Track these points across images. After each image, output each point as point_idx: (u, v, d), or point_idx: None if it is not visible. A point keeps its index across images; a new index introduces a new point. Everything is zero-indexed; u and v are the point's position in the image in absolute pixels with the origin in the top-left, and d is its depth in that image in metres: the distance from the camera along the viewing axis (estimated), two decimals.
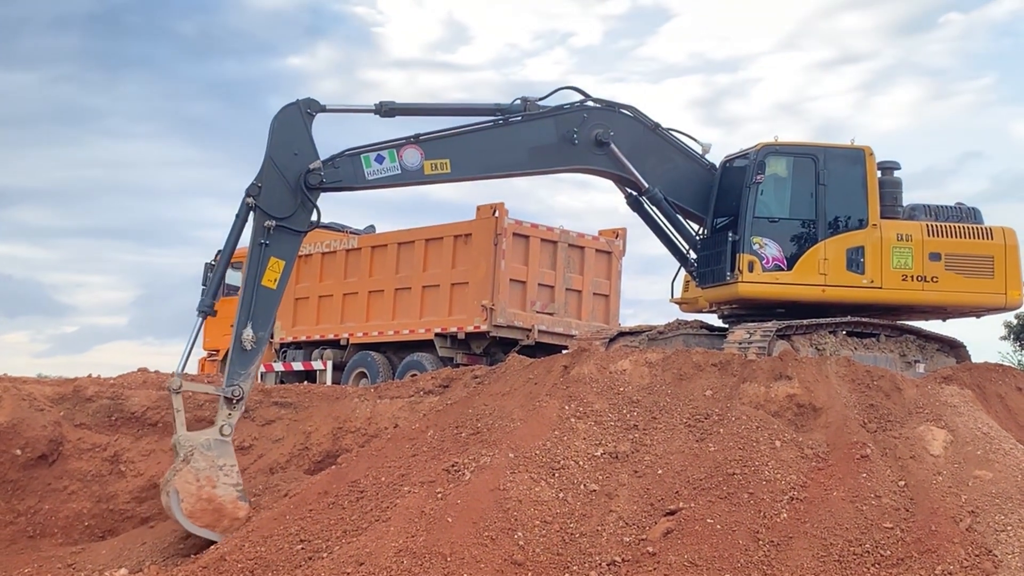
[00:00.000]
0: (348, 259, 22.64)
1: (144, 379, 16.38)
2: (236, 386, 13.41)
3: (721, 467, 11.00)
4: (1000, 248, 15.89)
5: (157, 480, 14.72)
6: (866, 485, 10.63)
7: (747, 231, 15.47)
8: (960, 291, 15.80)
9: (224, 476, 12.97)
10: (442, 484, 10.96)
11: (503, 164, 15.61)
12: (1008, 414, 13.50)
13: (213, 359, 25.39)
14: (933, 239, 15.73)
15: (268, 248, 13.90)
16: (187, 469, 12.82)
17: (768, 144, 15.87)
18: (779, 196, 15.89)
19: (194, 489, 12.77)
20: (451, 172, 15.01)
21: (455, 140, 15.12)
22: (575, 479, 11.00)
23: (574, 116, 15.71)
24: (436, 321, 20.58)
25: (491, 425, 12.03)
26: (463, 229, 20.59)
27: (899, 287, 15.58)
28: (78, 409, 15.54)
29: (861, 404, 12.02)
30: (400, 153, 14.76)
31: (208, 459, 12.96)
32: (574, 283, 21.15)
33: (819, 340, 15.39)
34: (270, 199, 13.89)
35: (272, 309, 14.12)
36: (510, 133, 15.48)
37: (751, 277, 15.40)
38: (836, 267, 15.46)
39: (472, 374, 15.86)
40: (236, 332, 13.71)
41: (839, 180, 15.70)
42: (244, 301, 13.82)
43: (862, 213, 15.63)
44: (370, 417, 15.63)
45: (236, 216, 14.00)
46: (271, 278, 14.00)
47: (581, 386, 12.27)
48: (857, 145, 15.91)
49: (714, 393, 12.18)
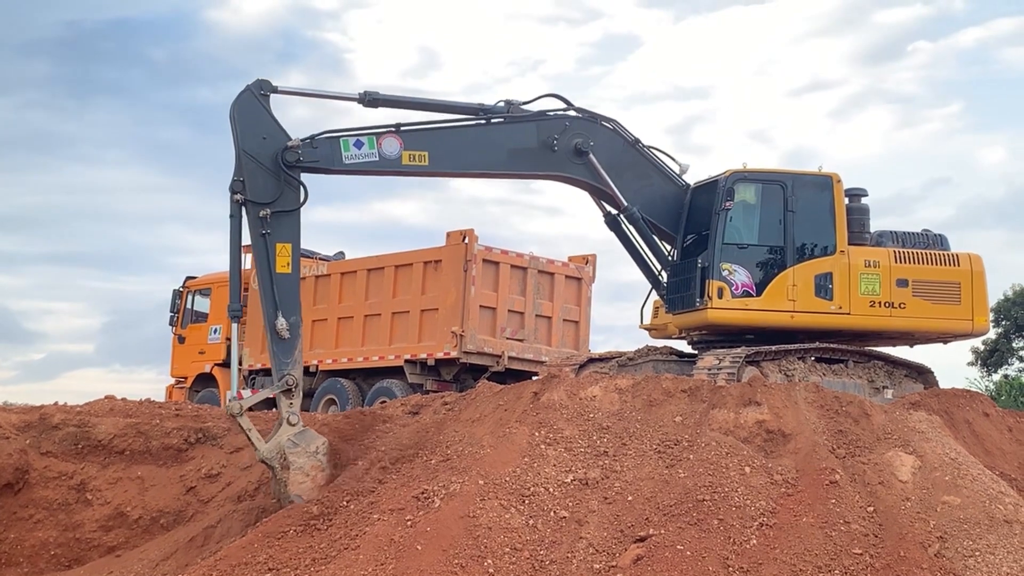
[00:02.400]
0: (317, 285, 22.60)
1: (111, 406, 16.25)
2: (287, 375, 13.63)
3: (691, 493, 10.99)
4: (967, 274, 15.96)
5: (124, 509, 14.61)
6: (835, 511, 10.64)
7: (716, 257, 15.54)
8: (927, 317, 15.88)
9: (323, 456, 13.22)
10: (411, 511, 10.91)
11: (481, 163, 15.60)
12: (976, 440, 13.55)
13: (181, 386, 25.24)
14: (900, 265, 15.82)
15: (271, 236, 13.97)
16: (293, 473, 12.97)
17: (736, 171, 15.97)
18: (748, 223, 15.98)
19: (310, 484, 12.96)
20: (428, 165, 14.97)
21: (436, 134, 15.12)
22: (545, 506, 10.97)
23: (556, 123, 15.78)
24: (406, 348, 20.56)
25: (461, 452, 11.99)
26: (433, 255, 20.61)
27: (867, 313, 15.66)
28: (44, 437, 15.38)
29: (830, 430, 12.05)
30: (380, 141, 14.79)
31: (301, 453, 13.13)
32: (544, 309, 21.18)
33: (788, 366, 15.45)
34: (255, 189, 13.91)
35: (294, 292, 14.17)
36: (491, 133, 15.50)
37: (720, 303, 15.47)
38: (805, 293, 15.54)
39: (442, 401, 15.82)
40: (269, 325, 13.87)
41: (807, 207, 15.80)
42: (266, 293, 13.90)
43: (830, 239, 15.73)
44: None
45: (230, 217, 14.06)
46: (283, 263, 14.16)
47: (551, 412, 12.25)
48: (825, 172, 16.03)
49: (684, 419, 12.19)
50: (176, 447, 15.42)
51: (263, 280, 13.91)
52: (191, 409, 16.78)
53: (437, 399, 16.14)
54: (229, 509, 14.31)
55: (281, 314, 13.79)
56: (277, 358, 13.78)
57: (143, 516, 14.76)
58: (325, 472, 13.10)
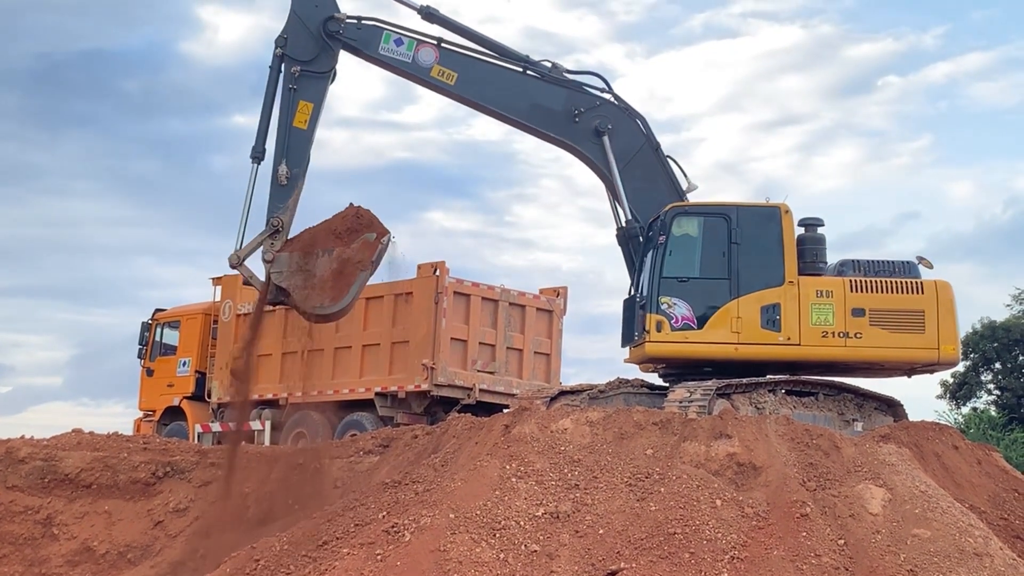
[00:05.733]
0: (287, 318, 22.45)
1: (78, 440, 16.11)
2: (277, 218, 15.58)
3: (662, 526, 10.97)
4: (931, 302, 15.62)
5: (91, 543, 14.49)
6: (806, 544, 10.64)
7: (655, 291, 15.61)
8: (886, 347, 15.58)
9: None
10: (382, 545, 10.83)
11: (502, 103, 16.66)
12: (945, 473, 13.60)
13: (149, 420, 25.03)
14: (856, 295, 15.57)
15: (296, 92, 15.84)
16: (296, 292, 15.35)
17: (676, 205, 16.14)
18: (688, 256, 15.96)
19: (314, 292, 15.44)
20: (453, 86, 16.30)
21: (472, 61, 16.49)
22: (516, 540, 10.91)
23: (587, 98, 16.61)
24: (376, 380, 20.45)
25: (431, 485, 11.93)
26: (404, 288, 20.54)
27: (819, 344, 15.44)
28: (10, 471, 15.26)
29: (800, 463, 12.06)
30: (418, 47, 16.26)
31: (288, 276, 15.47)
32: (515, 342, 21.13)
33: (759, 399, 15.44)
34: (295, 46, 15.91)
35: (304, 148, 15.99)
36: (523, 81, 16.61)
37: (659, 337, 15.51)
38: (750, 325, 15.46)
39: (412, 434, 15.75)
40: (274, 170, 15.78)
41: (753, 238, 15.75)
42: (280, 143, 15.83)
43: (778, 270, 15.62)
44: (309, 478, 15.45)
45: (269, 68, 16.02)
46: (301, 119, 15.97)
47: (522, 445, 12.22)
48: (773, 203, 16.03)
49: (655, 452, 12.18)
50: (144, 481, 15.31)
51: (280, 130, 15.80)
52: (159, 443, 16.66)
53: (407, 432, 16.07)
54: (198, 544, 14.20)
55: (286, 162, 15.71)
56: (273, 201, 15.61)
57: (110, 551, 14.63)
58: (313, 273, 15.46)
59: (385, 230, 16.15)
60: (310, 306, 15.80)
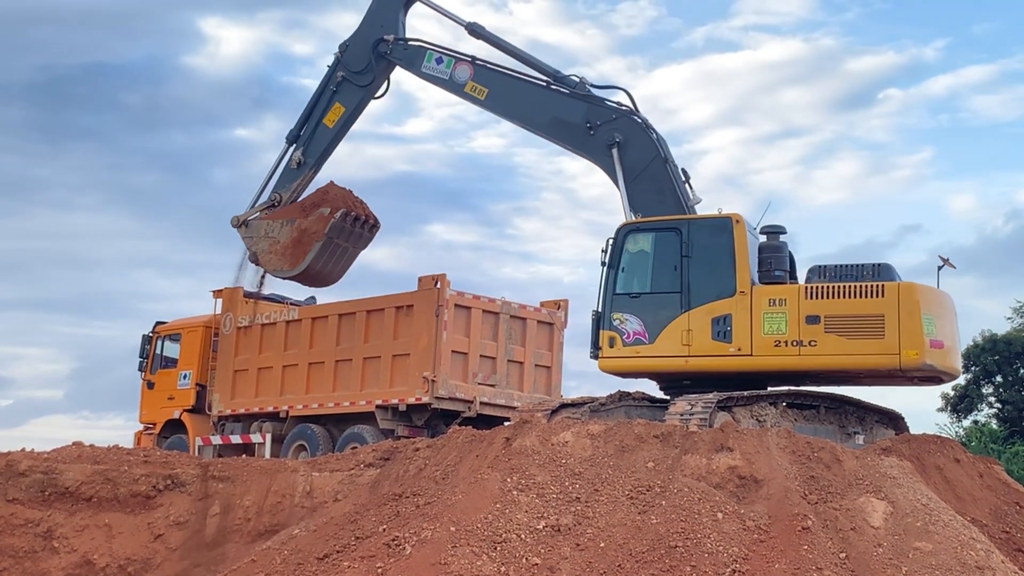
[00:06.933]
0: (288, 331, 22.47)
1: (79, 453, 16.08)
2: (277, 194, 19.10)
3: (663, 540, 10.95)
4: (892, 305, 14.84)
5: (91, 556, 14.44)
6: (807, 557, 10.62)
7: (608, 308, 15.94)
8: (842, 354, 14.95)
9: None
10: (383, 559, 10.82)
11: (525, 117, 17.90)
12: (947, 486, 13.58)
13: (149, 432, 25.00)
14: (811, 301, 15.12)
15: (335, 95, 18.80)
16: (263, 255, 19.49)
17: (628, 223, 16.33)
18: (640, 272, 16.16)
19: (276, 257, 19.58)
20: (484, 100, 17.82)
21: (501, 77, 17.90)
22: (517, 553, 10.90)
23: (604, 112, 17.15)
24: (377, 393, 20.44)
25: (432, 498, 11.91)
26: (404, 300, 20.55)
27: (772, 353, 15.18)
28: (10, 484, 15.22)
29: (802, 475, 12.05)
30: (456, 65, 17.98)
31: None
32: (516, 354, 21.13)
33: (760, 411, 15.42)
34: (351, 55, 18.81)
35: (322, 144, 19.02)
36: (546, 96, 17.56)
37: (610, 352, 15.87)
38: (701, 337, 15.46)
39: (413, 446, 15.73)
40: (290, 153, 19.04)
41: (704, 250, 15.74)
42: (305, 132, 18.86)
43: (729, 281, 15.51)
44: (309, 491, 15.42)
45: (328, 67, 18.88)
46: (331, 118, 18.74)
47: (523, 458, 12.21)
48: (724, 214, 15.97)
49: (656, 465, 12.17)
50: (144, 494, 15.27)
51: (310, 123, 18.85)
52: (160, 455, 16.62)
53: (408, 445, 16.05)
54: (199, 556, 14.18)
55: (303, 150, 18.92)
56: (280, 180, 19.01)
57: (110, 564, 14.59)
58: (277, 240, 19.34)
59: (341, 206, 19.00)
60: (271, 268, 19.74)
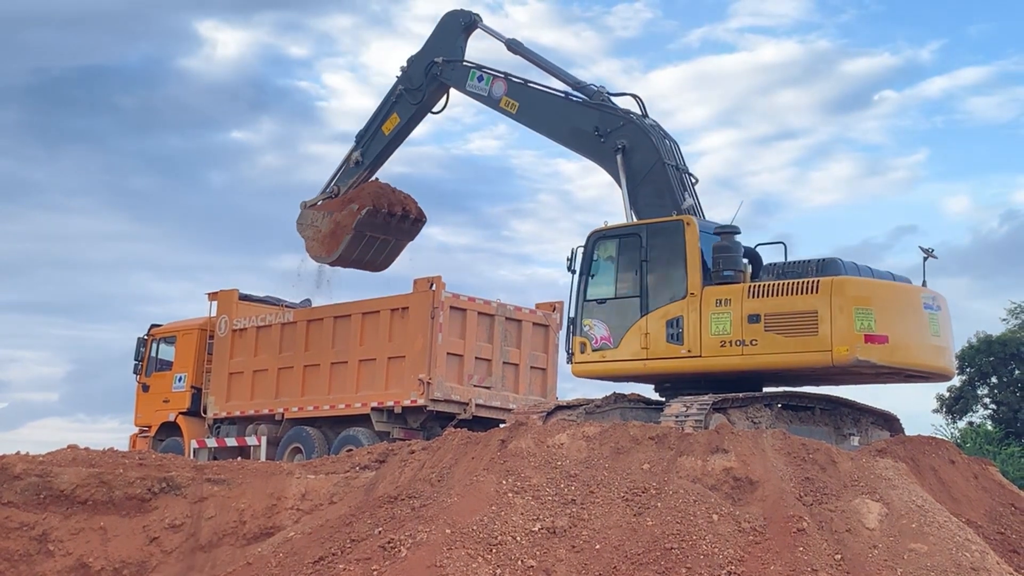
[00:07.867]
0: (283, 333, 22.48)
1: (74, 456, 16.05)
2: (336, 186, 21.80)
3: (659, 541, 10.95)
4: (824, 301, 14.49)
5: (86, 560, 14.42)
6: (803, 559, 10.62)
7: (579, 315, 16.25)
8: (780, 352, 14.76)
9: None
10: (378, 561, 10.81)
11: (549, 128, 18.61)
12: (942, 487, 13.58)
13: (144, 435, 24.98)
14: (753, 300, 14.95)
15: (394, 105, 20.85)
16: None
17: (597, 230, 16.50)
18: (606, 278, 16.38)
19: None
20: (515, 114, 18.80)
21: (530, 91, 18.83)
22: (512, 555, 10.89)
23: (614, 119, 17.46)
24: (372, 395, 20.45)
25: (427, 500, 11.91)
26: (400, 303, 20.57)
27: (718, 354, 15.12)
28: (5, 487, 15.20)
29: (797, 477, 12.05)
30: (493, 82, 19.25)
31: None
32: (511, 356, 21.14)
33: (755, 413, 15.40)
34: (410, 72, 20.61)
35: (378, 148, 21.28)
36: (565, 106, 18.27)
37: (581, 358, 16.22)
38: (657, 340, 15.60)
39: (409, 449, 15.73)
40: (349, 153, 21.60)
41: (660, 254, 15.88)
42: (368, 135, 21.22)
43: (682, 283, 15.57)
44: (305, 493, 15.42)
45: (396, 76, 20.92)
46: (388, 126, 20.94)
47: (518, 460, 12.21)
48: (675, 217, 16.02)
49: (651, 467, 12.17)
50: (139, 497, 15.25)
51: (371, 128, 21.20)
52: (155, 458, 16.62)
53: (404, 447, 16.05)
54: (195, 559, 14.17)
55: (361, 151, 21.36)
56: (340, 176, 21.74)
57: (105, 567, 14.58)
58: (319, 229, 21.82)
59: (369, 203, 20.68)
60: (312, 254, 21.99)
